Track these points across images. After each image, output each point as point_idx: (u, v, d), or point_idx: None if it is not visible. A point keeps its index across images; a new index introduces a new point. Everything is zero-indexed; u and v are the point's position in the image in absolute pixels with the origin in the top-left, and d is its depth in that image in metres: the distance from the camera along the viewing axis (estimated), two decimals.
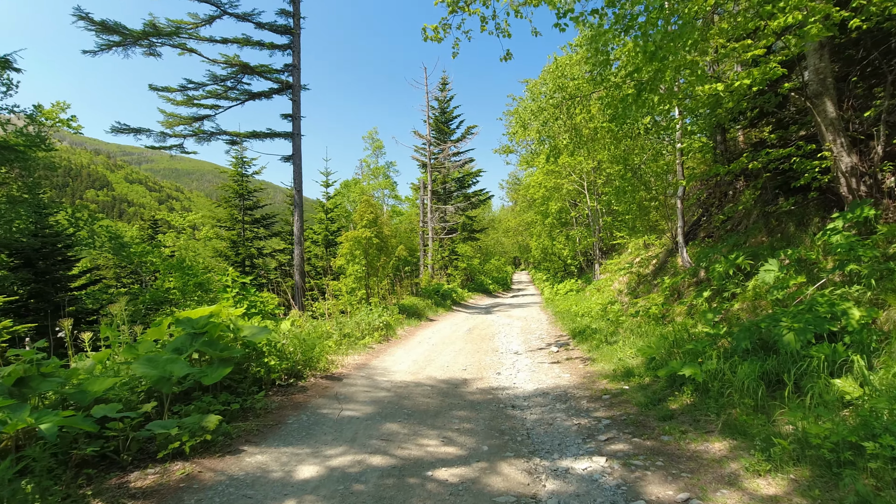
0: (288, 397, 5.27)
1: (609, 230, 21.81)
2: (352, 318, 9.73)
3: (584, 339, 9.53)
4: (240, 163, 20.65)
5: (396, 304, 14.29)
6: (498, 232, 53.13)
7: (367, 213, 12.74)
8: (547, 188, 20.63)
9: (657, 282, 10.74)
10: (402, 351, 8.99)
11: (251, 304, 7.13)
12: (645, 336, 7.82)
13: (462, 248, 31.98)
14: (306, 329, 7.22)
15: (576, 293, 20.15)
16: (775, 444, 3.48)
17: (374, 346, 9.09)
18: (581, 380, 6.67)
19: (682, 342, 6.23)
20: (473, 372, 7.42)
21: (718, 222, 11.08)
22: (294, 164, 16.51)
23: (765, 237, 8.72)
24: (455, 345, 9.98)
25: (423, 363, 7.89)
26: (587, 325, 10.66)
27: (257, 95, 16.81)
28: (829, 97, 6.91)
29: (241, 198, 20.79)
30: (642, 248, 15.80)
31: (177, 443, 3.36)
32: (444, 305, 18.43)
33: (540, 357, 8.68)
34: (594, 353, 8.21)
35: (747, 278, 7.49)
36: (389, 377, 6.76)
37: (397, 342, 10.05)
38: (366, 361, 7.75)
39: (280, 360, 5.64)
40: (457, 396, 5.90)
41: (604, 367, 7.17)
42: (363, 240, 12.51)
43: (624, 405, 5.28)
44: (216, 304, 7.10)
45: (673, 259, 12.13)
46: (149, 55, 14.11)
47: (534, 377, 7.02)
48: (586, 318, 12.24)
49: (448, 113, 31.78)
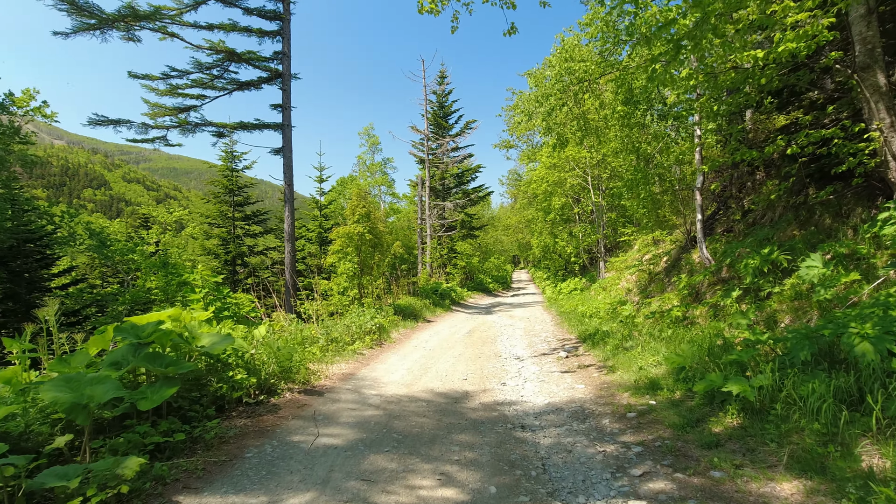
0: (255, 420, 4.43)
1: (613, 227, 21.01)
2: (341, 321, 8.89)
3: (595, 344, 8.71)
4: (230, 157, 19.79)
5: (392, 304, 13.45)
6: (497, 230, 52.31)
7: (359, 207, 11.89)
8: (550, 183, 19.79)
9: (674, 280, 9.92)
10: (396, 357, 8.15)
11: (223, 307, 6.29)
12: (667, 341, 6.99)
13: (461, 245, 31.15)
14: (287, 335, 6.38)
15: (580, 292, 19.33)
16: (875, 492, 2.65)
17: (365, 351, 8.25)
18: (598, 392, 5.84)
19: (716, 350, 5.40)
20: (475, 382, 6.59)
21: (738, 215, 10.27)
22: (284, 156, 15.67)
23: (796, 230, 7.90)
24: (454, 349, 9.15)
25: (419, 372, 7.06)
26: (597, 328, 9.83)
27: (245, 85, 15.95)
28: (880, 69, 6.09)
29: (231, 193, 19.94)
30: (651, 245, 14.98)
31: (78, 499, 2.52)
32: (442, 305, 17.60)
33: (548, 364, 7.85)
34: (610, 359, 7.38)
35: (784, 276, 6.67)
36: (380, 390, 5.93)
37: (391, 347, 9.21)
38: (354, 370, 6.91)
39: (249, 373, 4.80)
40: (457, 414, 5.07)
41: (623, 376, 6.34)
42: (355, 236, 11.67)
43: (654, 426, 4.45)
44: (186, 306, 6.26)
45: (688, 256, 11.31)
46: (128, 40, 13.23)
47: (544, 388, 6.19)
48: (595, 319, 11.42)
49: (446, 107, 30.91)
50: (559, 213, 22.01)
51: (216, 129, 15.40)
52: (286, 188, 15.56)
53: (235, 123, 15.41)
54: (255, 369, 4.93)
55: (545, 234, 28.15)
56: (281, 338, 6.17)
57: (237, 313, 6.32)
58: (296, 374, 5.52)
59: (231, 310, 6.26)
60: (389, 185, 35.91)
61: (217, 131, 15.52)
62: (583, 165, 19.65)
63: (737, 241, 9.15)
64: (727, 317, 6.47)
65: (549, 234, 27.37)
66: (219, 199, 19.88)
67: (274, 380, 5.12)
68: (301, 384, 5.54)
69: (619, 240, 20.44)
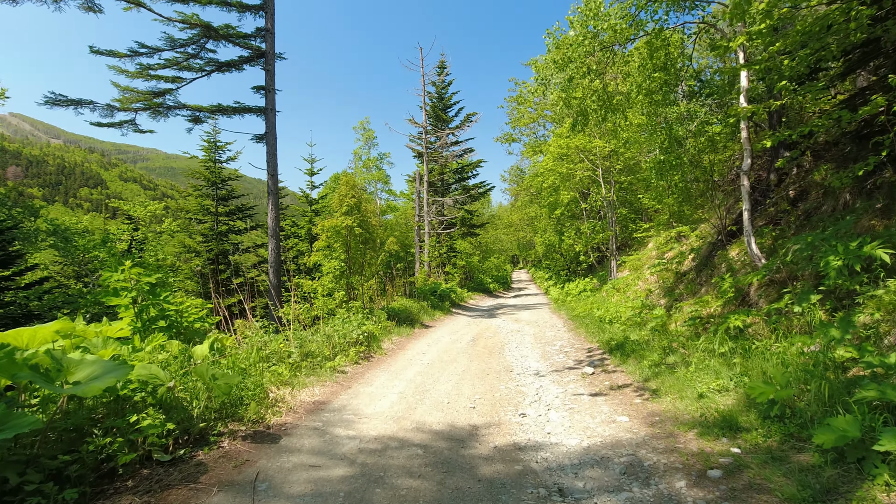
0: (154, 497, 2.92)
1: (624, 223, 19.57)
2: (321, 330, 7.41)
3: (625, 357, 7.26)
4: (212, 147, 18.30)
5: (385, 307, 11.99)
6: (497, 229, 50.92)
7: (347, 196, 10.42)
8: (558, 175, 18.34)
9: (714, 280, 8.48)
10: (386, 376, 6.67)
11: (159, 315, 4.83)
12: (726, 359, 5.54)
13: (461, 244, 29.72)
14: (243, 352, 4.88)
15: (590, 294, 17.89)
16: None
17: (348, 368, 6.77)
18: (650, 430, 4.40)
19: (820, 376, 3.95)
20: (485, 411, 5.14)
21: (785, 205, 8.84)
22: (268, 143, 14.20)
23: (875, 220, 6.47)
24: (457, 363, 7.70)
25: (413, 398, 5.60)
26: (625, 337, 8.39)
27: (225, 66, 14.48)
28: None
29: (213, 186, 18.45)
30: (674, 241, 13.55)
31: None
32: (441, 308, 16.14)
33: (572, 382, 6.41)
34: (651, 380, 5.94)
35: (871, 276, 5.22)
36: (359, 428, 4.46)
37: (381, 361, 7.74)
38: (330, 397, 5.44)
39: (168, 415, 3.32)
40: (465, 469, 3.62)
41: (676, 406, 4.90)
42: (343, 229, 10.21)
43: (758, 497, 3.00)
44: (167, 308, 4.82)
45: (723, 253, 9.87)
46: (87, 10, 11.75)
47: (575, 421, 4.75)
48: (616, 325, 9.98)
49: (446, 99, 29.46)
50: (567, 209, 20.57)
51: (191, 112, 13.93)
52: (269, 179, 14.10)
53: (213, 106, 13.93)
54: (180, 408, 3.47)
55: (549, 232, 26.71)
56: (233, 357, 4.72)
57: (178, 323, 4.87)
58: (243, 410, 4.07)
59: (171, 319, 4.82)
60: (386, 182, 34.44)
61: (193, 115, 14.04)
62: (592, 157, 18.22)
63: (792, 235, 7.72)
64: (816, 331, 5.01)
65: (553, 232, 25.94)
66: (200, 192, 18.38)
67: (208, 422, 3.66)
68: (251, 423, 4.06)
69: (633, 236, 18.99)
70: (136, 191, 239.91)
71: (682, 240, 13.58)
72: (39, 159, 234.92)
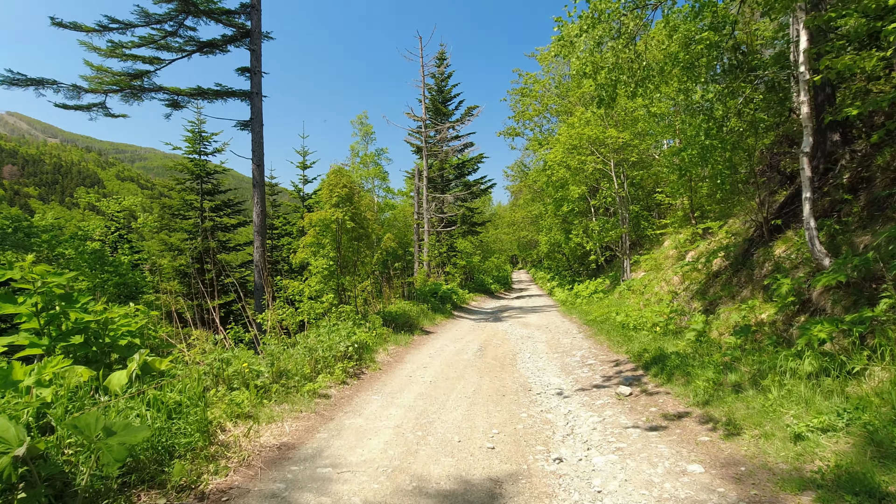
0: None
1: (636, 220, 18.34)
2: (302, 342, 6.16)
3: (667, 373, 6.04)
4: (197, 137, 17.03)
5: (381, 311, 10.75)
6: (498, 229, 49.72)
7: (338, 186, 9.18)
8: (569, 168, 17.11)
9: (767, 282, 7.25)
10: (379, 401, 5.42)
11: (75, 329, 3.60)
12: (818, 384, 4.31)
13: (461, 243, 28.51)
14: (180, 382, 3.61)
15: (603, 295, 16.68)
16: None
17: (332, 390, 5.51)
18: (739, 489, 3.17)
19: None
20: (508, 453, 3.92)
21: (842, 195, 7.64)
22: (253, 131, 12.96)
23: None
24: (465, 380, 6.46)
25: (414, 434, 4.36)
26: (659, 348, 7.17)
27: (208, 46, 13.25)
28: None
29: (198, 179, 17.19)
30: (699, 238, 12.35)
31: None
32: (442, 311, 14.91)
33: (608, 406, 5.19)
34: (712, 405, 4.72)
35: None
36: (337, 492, 3.20)
37: (374, 379, 6.47)
38: (302, 437, 4.17)
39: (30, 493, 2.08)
40: None
41: (763, 448, 3.68)
42: (333, 223, 8.97)
43: None
44: None
45: (766, 250, 8.66)
46: None
47: (630, 471, 3.53)
48: (644, 332, 8.77)
49: (446, 91, 28.21)
50: (575, 205, 19.36)
51: (169, 96, 12.67)
52: (255, 169, 12.86)
53: (192, 89, 12.68)
54: (56, 479, 2.24)
55: (555, 230, 25.50)
56: (172, 386, 3.47)
57: (102, 341, 3.64)
58: (170, 469, 2.82)
59: (89, 333, 3.59)
60: (384, 178, 33.19)
61: (171, 100, 12.78)
62: (604, 150, 17.00)
63: (856, 229, 6.51)
64: None
65: (559, 230, 24.71)
66: (183, 186, 17.11)
67: (102, 498, 2.42)
68: (176, 492, 2.81)
69: (646, 233, 17.78)
70: (134, 190, 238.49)
71: (707, 236, 12.38)
72: (36, 158, 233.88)
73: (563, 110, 25.23)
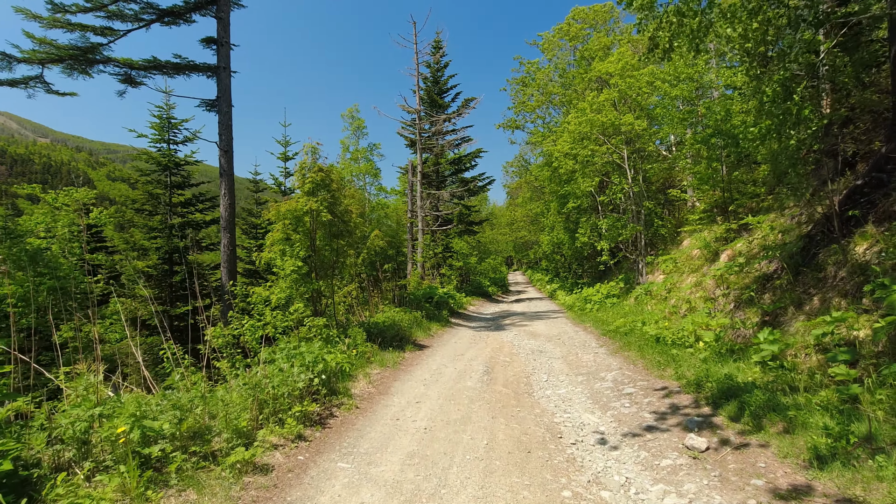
0: None
1: (650, 218, 16.71)
2: (236, 381, 4.35)
3: (753, 416, 4.37)
4: (165, 124, 15.24)
5: (367, 322, 9.02)
6: (494, 229, 48.12)
7: (312, 170, 7.46)
8: (577, 159, 15.46)
9: (868, 287, 5.59)
10: (347, 474, 3.61)
11: None
12: None
13: (458, 243, 26.83)
14: None
15: (616, 300, 15.04)
16: None
17: (276, 456, 3.69)
18: None
19: None
20: None
21: None
22: (220, 112, 11.21)
23: None
24: (472, 426, 4.75)
25: None
26: (727, 375, 5.49)
27: (169, 15, 11.47)
28: None
29: (166, 171, 15.39)
30: (735, 236, 10.72)
31: None
32: (438, 319, 13.20)
33: (681, 469, 3.52)
34: (845, 473, 3.04)
35: None
36: None
37: (345, 428, 4.69)
38: None
39: None
40: None
41: None
42: (304, 215, 7.26)
43: None
44: None
45: (837, 248, 7.03)
46: None
47: None
48: (690, 351, 7.11)
49: (442, 82, 26.54)
50: (582, 201, 17.72)
51: (120, 69, 10.89)
52: (222, 155, 11.10)
53: (146, 61, 10.90)
54: None
55: (558, 229, 23.87)
56: None
57: None
58: None
59: None
60: (376, 175, 31.40)
61: (123, 74, 11.00)
62: (615, 139, 15.38)
63: None
64: None
65: (563, 229, 23.07)
66: (149, 178, 15.29)
67: None
68: None
69: (666, 231, 16.15)
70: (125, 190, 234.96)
71: (742, 234, 10.76)
72: (25, 158, 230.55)
73: (568, 101, 23.60)
